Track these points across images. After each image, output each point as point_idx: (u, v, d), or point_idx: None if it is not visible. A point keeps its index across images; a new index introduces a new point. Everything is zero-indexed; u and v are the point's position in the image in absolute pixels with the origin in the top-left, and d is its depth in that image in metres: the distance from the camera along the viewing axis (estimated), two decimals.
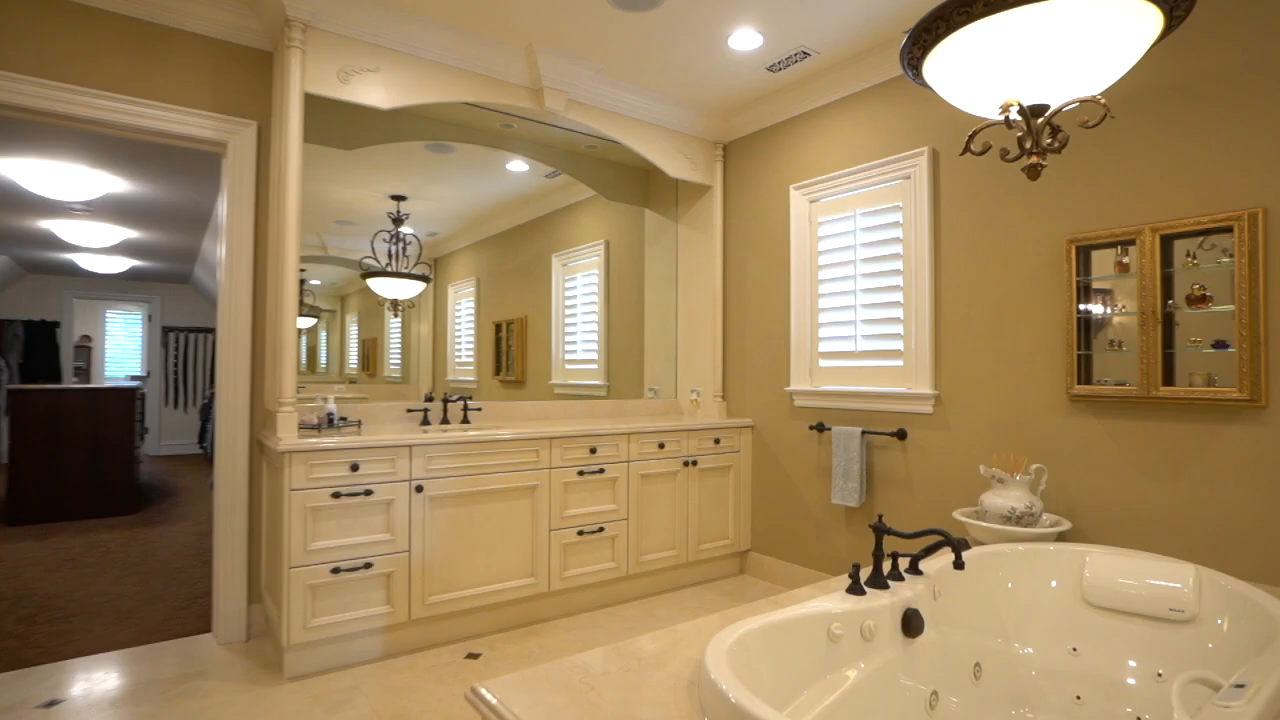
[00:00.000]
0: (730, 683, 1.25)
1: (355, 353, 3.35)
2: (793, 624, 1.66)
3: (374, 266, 3.30)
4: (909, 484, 3.01)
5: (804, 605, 1.74)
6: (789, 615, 1.66)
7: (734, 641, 1.49)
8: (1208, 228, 2.18)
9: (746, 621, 1.59)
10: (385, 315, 3.39)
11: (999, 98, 1.61)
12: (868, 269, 3.19)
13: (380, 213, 3.33)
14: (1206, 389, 2.18)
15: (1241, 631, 1.74)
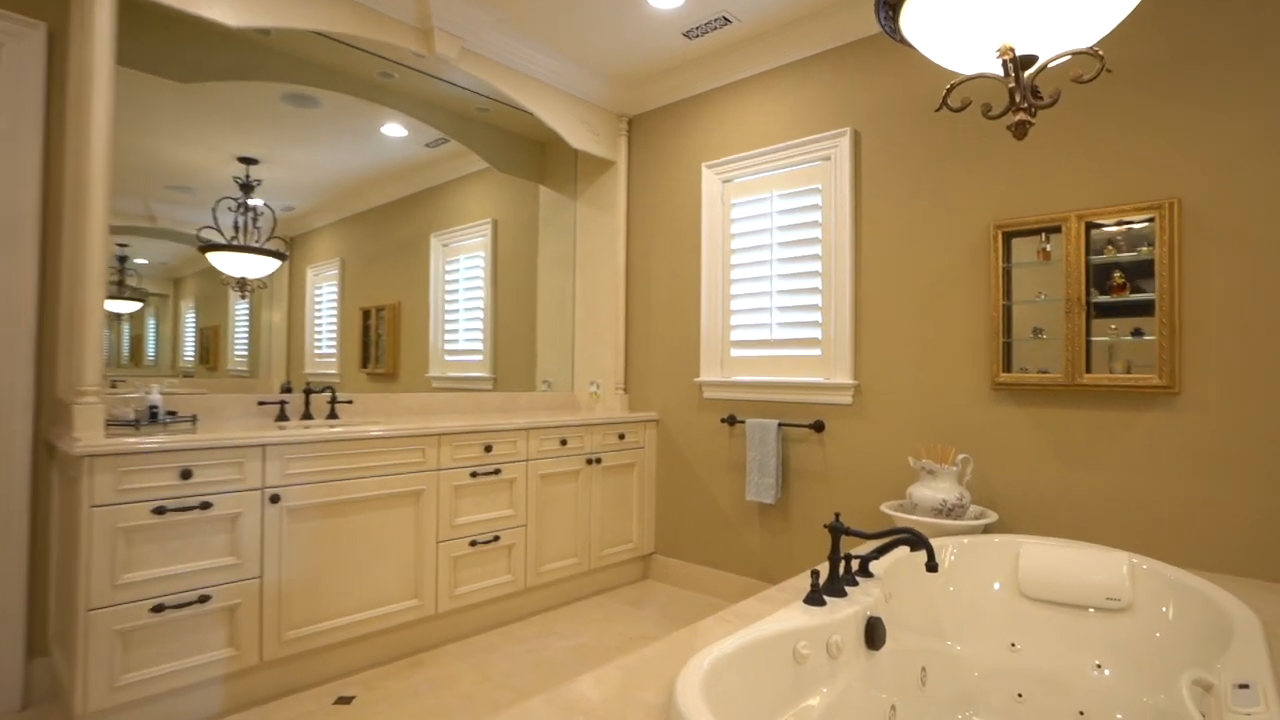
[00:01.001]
0: None
1: (193, 344, 2.72)
2: (759, 647, 1.40)
3: (216, 239, 2.70)
4: (826, 478, 2.88)
5: (765, 623, 1.49)
6: (754, 637, 1.40)
7: (705, 678, 1.21)
8: (1131, 217, 2.19)
9: (710, 651, 1.31)
10: (230, 300, 2.79)
11: (984, 48, 1.44)
12: (784, 253, 3.04)
13: (225, 178, 2.72)
14: (1127, 376, 2.19)
15: (1188, 621, 1.71)
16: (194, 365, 2.70)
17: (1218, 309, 2.08)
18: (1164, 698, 1.70)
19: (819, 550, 2.89)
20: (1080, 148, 2.32)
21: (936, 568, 1.56)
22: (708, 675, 1.22)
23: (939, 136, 2.62)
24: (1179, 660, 1.70)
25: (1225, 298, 2.07)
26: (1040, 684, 1.94)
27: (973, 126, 2.54)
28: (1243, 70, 2.05)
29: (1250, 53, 2.04)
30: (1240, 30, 2.06)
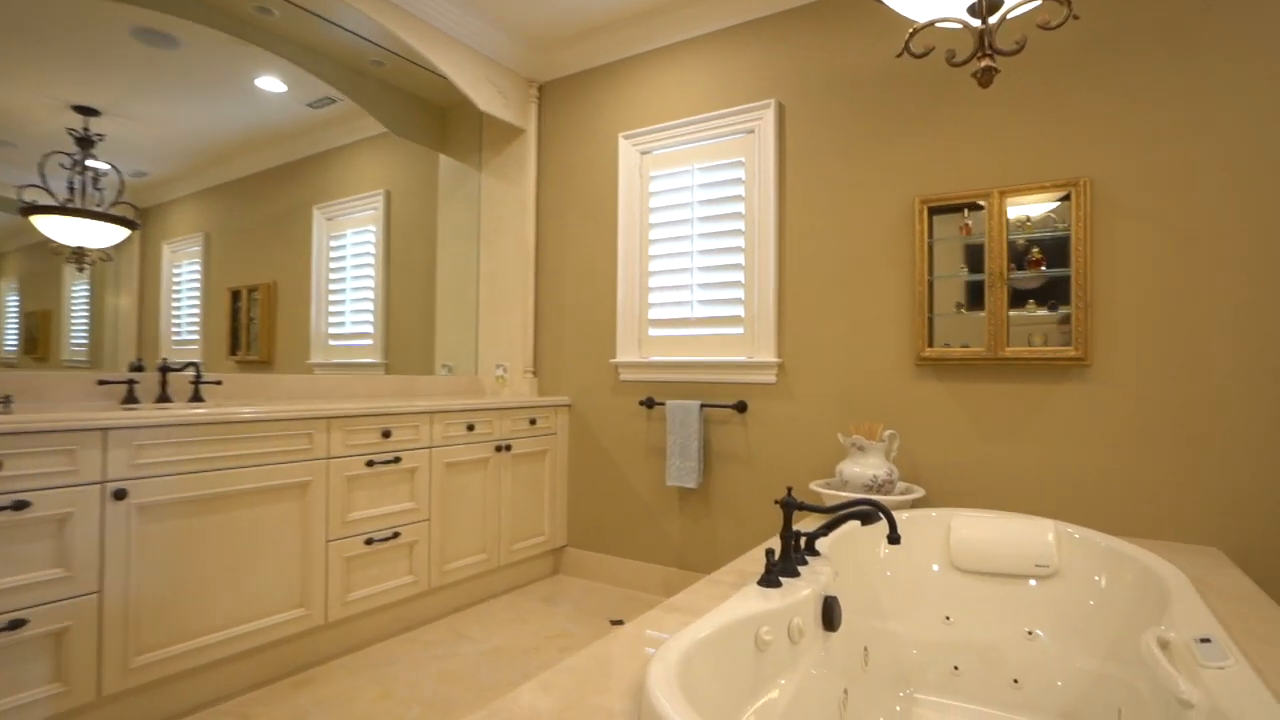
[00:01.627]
0: None
1: (15, 330, 2.23)
2: (723, 636, 1.25)
3: (44, 202, 2.22)
4: (750, 459, 2.80)
5: (725, 609, 1.34)
6: (718, 625, 1.25)
7: (678, 671, 1.04)
8: (1048, 194, 2.24)
9: (677, 642, 1.15)
10: (65, 277, 2.31)
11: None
12: (706, 229, 2.93)
13: (57, 130, 2.25)
14: (1045, 349, 2.24)
15: (1121, 583, 1.74)
16: (16, 355, 2.21)
17: (1125, 284, 2.17)
18: (1098, 661, 1.72)
19: (742, 535, 2.80)
20: (1001, 126, 2.35)
21: (899, 539, 1.48)
22: (680, 668, 1.05)
23: (865, 111, 2.59)
24: (1114, 622, 1.72)
25: (1132, 273, 2.16)
26: (976, 655, 1.93)
27: (899, 101, 2.53)
28: (1148, 59, 2.14)
29: (1154, 42, 2.14)
30: (1145, 21, 2.15)
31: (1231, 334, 2.03)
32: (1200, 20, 2.08)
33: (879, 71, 2.57)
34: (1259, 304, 2.00)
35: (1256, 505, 1.99)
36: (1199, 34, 2.08)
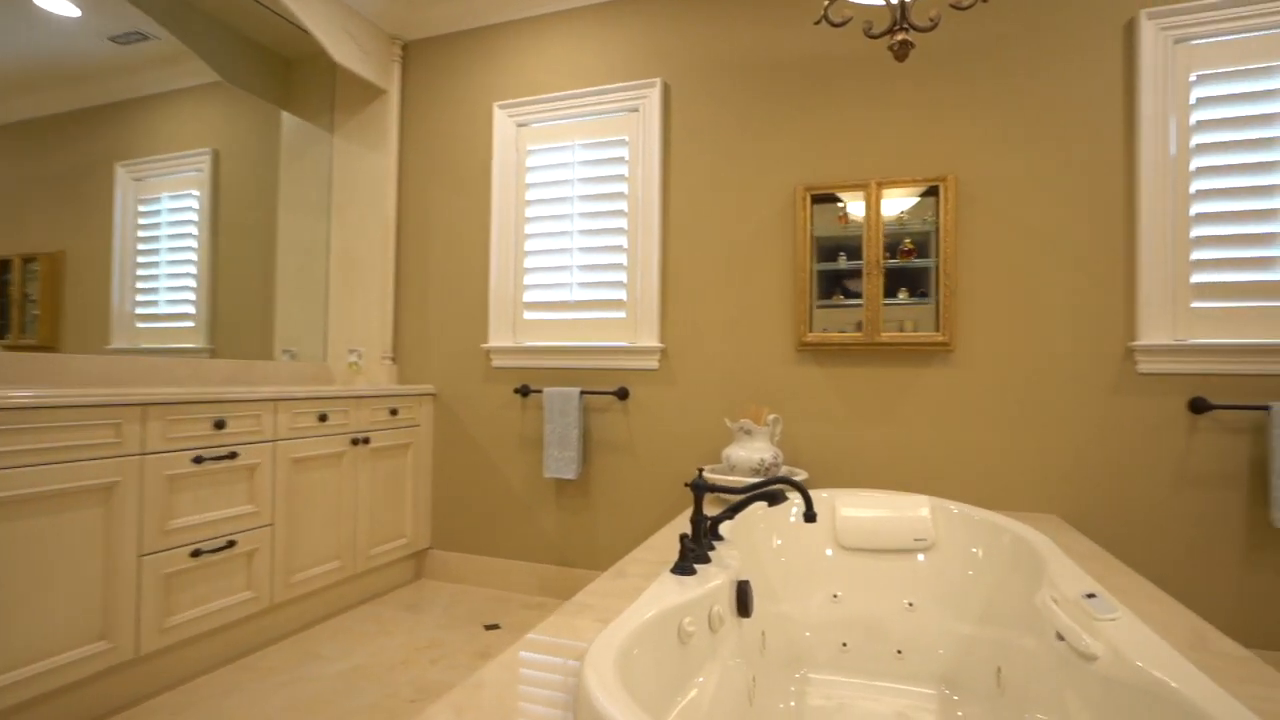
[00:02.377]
0: None
1: None
2: (649, 631, 1.14)
3: None
4: (632, 448, 2.72)
5: (645, 601, 1.23)
6: (645, 619, 1.14)
7: (616, 675, 0.91)
8: (920, 188, 2.37)
9: (603, 644, 1.02)
10: None
11: None
12: (587, 208, 2.80)
13: None
14: (916, 334, 2.36)
15: (999, 554, 1.85)
16: None
17: (983, 275, 2.33)
18: (976, 626, 1.82)
19: (625, 526, 2.71)
20: (879, 122, 2.45)
21: (815, 517, 1.45)
22: (618, 668, 0.92)
23: (752, 96, 2.60)
24: (992, 588, 1.82)
25: (988, 265, 2.33)
26: (862, 631, 1.98)
27: (785, 90, 2.56)
28: (1004, 72, 2.32)
29: (1008, 58, 2.32)
30: (1002, 36, 2.33)
31: (1069, 322, 2.25)
32: (1044, 42, 2.28)
33: (766, 57, 2.59)
34: (1091, 295, 2.23)
35: (1088, 474, 2.22)
36: (1044, 54, 2.29)
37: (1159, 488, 2.16)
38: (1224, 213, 2.13)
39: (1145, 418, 2.18)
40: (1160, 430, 2.17)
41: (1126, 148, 2.22)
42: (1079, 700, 1.18)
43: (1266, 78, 2.10)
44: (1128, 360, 2.20)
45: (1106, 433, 2.21)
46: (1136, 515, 2.18)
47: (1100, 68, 2.24)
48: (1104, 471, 2.21)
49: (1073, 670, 1.21)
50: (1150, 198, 2.17)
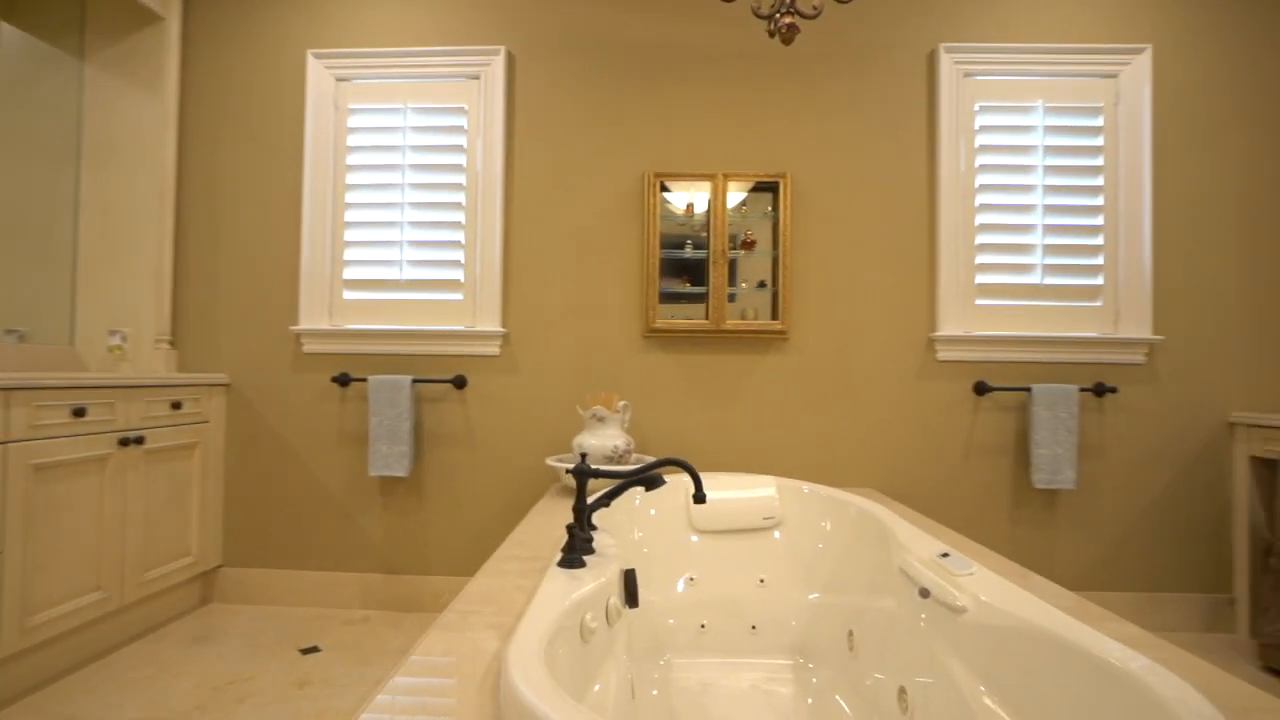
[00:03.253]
0: None
1: None
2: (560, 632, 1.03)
3: None
4: (471, 440, 2.52)
5: (546, 599, 1.11)
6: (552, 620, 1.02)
7: (550, 683, 0.79)
8: (764, 181, 2.48)
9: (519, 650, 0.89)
10: None
11: None
12: (421, 178, 2.55)
13: None
14: (758, 322, 2.47)
15: (846, 526, 1.98)
16: None
17: (815, 268, 2.51)
18: (826, 594, 1.93)
19: (464, 525, 2.51)
20: (726, 115, 2.52)
21: (704, 498, 1.42)
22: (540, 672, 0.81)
23: (602, 76, 2.54)
24: (841, 558, 1.95)
25: (818, 259, 2.51)
26: (719, 611, 2.01)
27: (637, 72, 2.54)
28: (834, 83, 2.52)
29: (838, 69, 2.52)
30: (829, 48, 2.52)
31: (884, 314, 2.50)
32: (866, 62, 2.51)
33: (618, 38, 2.54)
34: (901, 290, 2.50)
35: (898, 450, 2.49)
36: (865, 72, 2.52)
37: (952, 459, 2.49)
38: (998, 224, 2.50)
39: (942, 399, 2.49)
40: (953, 410, 2.49)
41: (929, 162, 2.52)
42: (948, 649, 1.29)
43: (1025, 114, 2.51)
44: (929, 349, 2.50)
45: (912, 413, 2.49)
46: (936, 483, 2.49)
47: (909, 90, 2.52)
48: (910, 447, 2.49)
49: (941, 623, 1.32)
50: (946, 207, 2.49)
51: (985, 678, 1.19)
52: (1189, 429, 2.46)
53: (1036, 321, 2.50)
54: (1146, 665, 0.92)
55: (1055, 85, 2.51)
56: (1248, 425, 2.41)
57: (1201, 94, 2.49)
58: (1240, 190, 2.48)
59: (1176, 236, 2.47)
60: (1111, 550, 2.46)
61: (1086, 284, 2.49)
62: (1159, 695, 0.86)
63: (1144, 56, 2.48)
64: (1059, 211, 2.49)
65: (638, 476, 1.51)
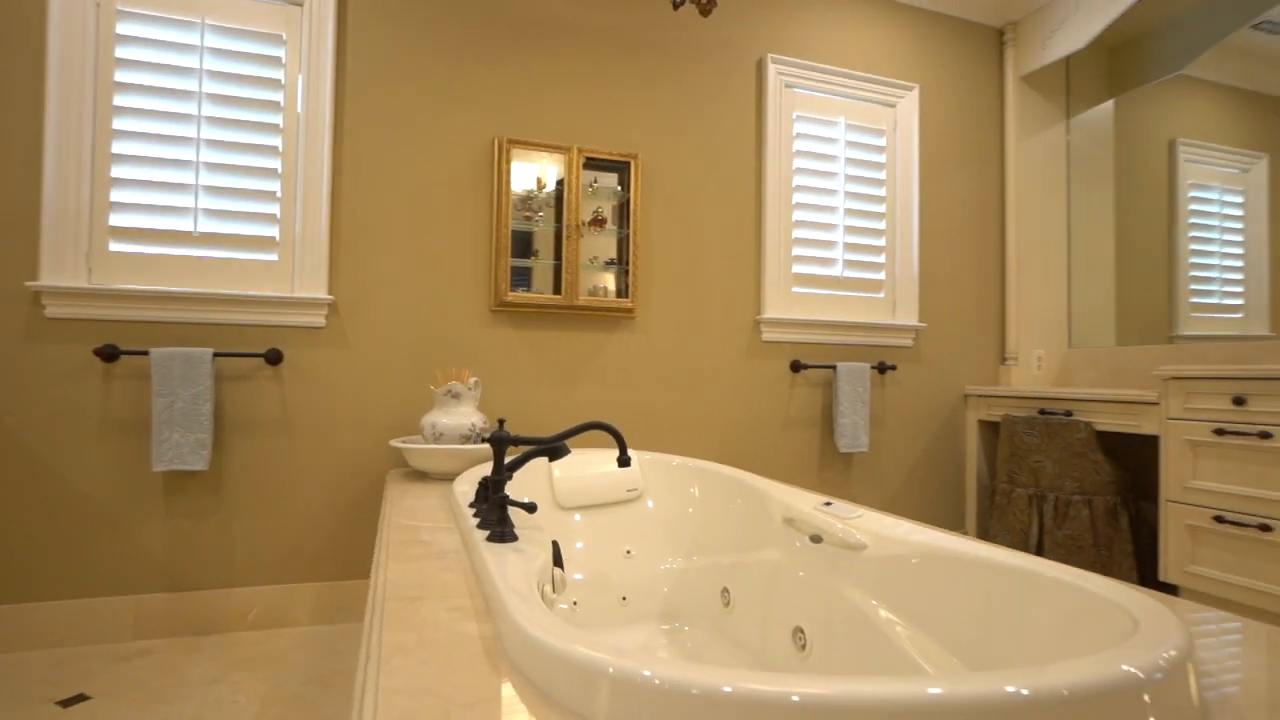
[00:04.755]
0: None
1: None
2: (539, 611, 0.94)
3: None
4: (289, 424, 2.17)
5: (507, 577, 1.01)
6: (527, 598, 0.93)
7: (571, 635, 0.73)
8: (617, 160, 2.50)
9: (526, 639, 0.81)
10: None
11: None
12: (220, 112, 2.12)
13: None
14: (608, 300, 2.49)
15: (715, 491, 2.08)
16: None
17: (660, 249, 2.61)
18: (697, 558, 2.02)
19: (279, 526, 2.15)
20: (582, 89, 2.50)
21: (629, 461, 1.40)
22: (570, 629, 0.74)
23: (454, 31, 2.35)
24: (711, 522, 2.05)
25: (663, 240, 2.61)
26: (590, 586, 1.99)
27: (491, 32, 2.39)
28: (681, 70, 2.63)
29: (684, 58, 2.64)
30: (679, 39, 2.64)
31: (718, 296, 2.69)
32: (710, 58, 2.68)
33: None
34: (732, 275, 2.71)
35: (729, 422, 2.70)
36: (709, 67, 2.68)
37: (773, 428, 2.76)
38: (810, 222, 2.83)
39: (765, 376, 2.75)
40: (774, 385, 2.77)
41: (758, 160, 2.76)
42: (847, 582, 1.44)
43: (830, 128, 2.88)
44: (756, 331, 2.74)
45: (741, 388, 2.72)
46: (760, 451, 2.74)
47: (745, 90, 2.74)
48: (739, 419, 2.71)
49: (838, 561, 1.47)
50: (771, 202, 2.75)
51: (882, 598, 1.36)
52: (940, 399, 3.04)
53: (839, 308, 2.88)
54: (1023, 557, 1.14)
55: (854, 107, 2.91)
56: (976, 395, 3.04)
57: (949, 127, 3.08)
58: (972, 208, 3.12)
59: (934, 241, 3.03)
60: (891, 500, 2.93)
61: (874, 278, 2.93)
62: (1041, 575, 1.06)
63: (914, 93, 2.99)
64: (855, 215, 2.90)
65: (549, 444, 1.45)
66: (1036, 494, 2.59)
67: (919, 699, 0.60)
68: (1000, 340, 3.17)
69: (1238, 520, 2.07)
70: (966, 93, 3.12)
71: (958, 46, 3.12)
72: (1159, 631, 0.77)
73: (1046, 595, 1.05)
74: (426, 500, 1.77)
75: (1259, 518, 2.03)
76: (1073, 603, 1.00)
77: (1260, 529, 2.02)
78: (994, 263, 3.16)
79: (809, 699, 0.60)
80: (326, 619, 2.17)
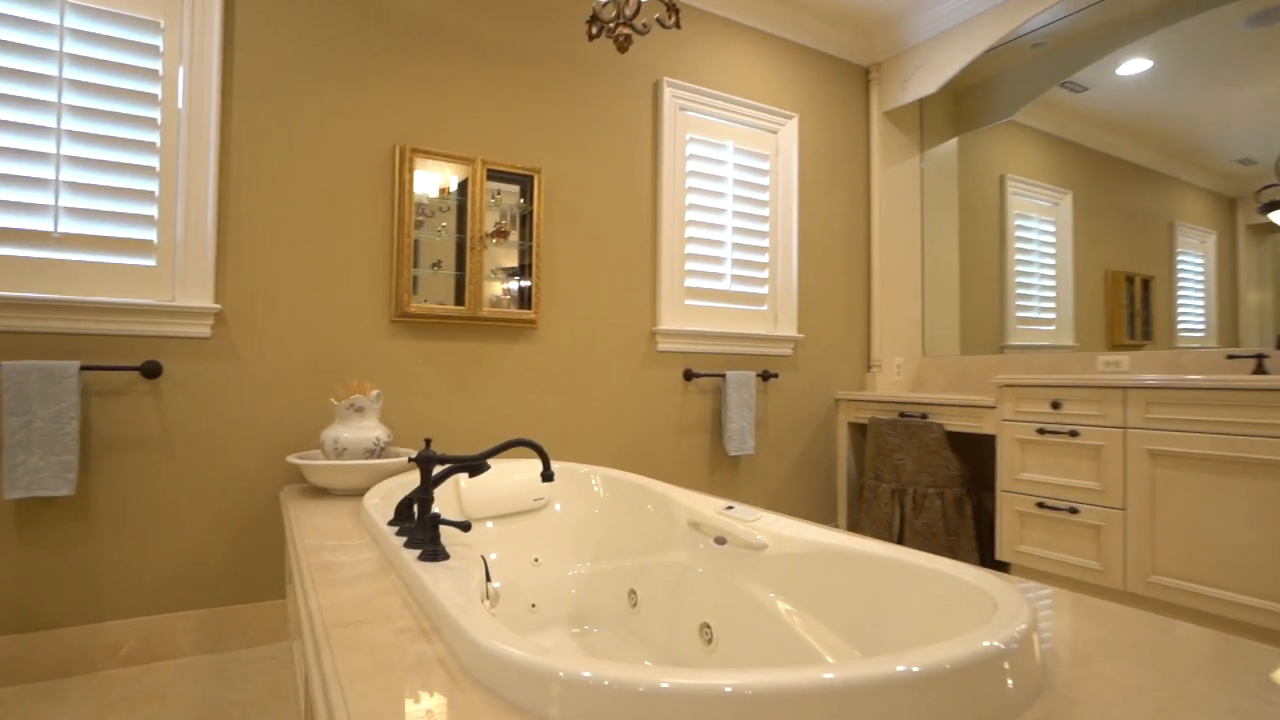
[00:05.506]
0: None
1: None
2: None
3: None
4: (169, 443, 2.03)
5: (453, 598, 1.05)
6: (475, 607, 0.98)
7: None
8: (520, 173, 2.53)
9: (498, 639, 0.86)
10: None
11: None
12: (83, 100, 1.94)
13: None
14: (512, 311, 2.52)
15: (619, 497, 2.17)
16: None
17: (561, 262, 2.67)
18: (602, 562, 2.11)
19: (159, 551, 2.00)
20: (487, 101, 2.50)
21: (553, 476, 1.46)
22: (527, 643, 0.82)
23: (350, 32, 2.28)
24: (615, 527, 2.14)
25: (564, 254, 2.68)
26: (504, 596, 2.03)
27: (392, 38, 2.34)
28: (585, 88, 2.71)
29: (587, 78, 2.72)
30: (584, 58, 2.71)
31: (617, 308, 2.79)
32: (612, 79, 2.77)
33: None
34: (631, 288, 2.83)
35: (627, 428, 2.81)
36: (610, 87, 2.77)
37: (667, 434, 2.91)
38: (701, 238, 3.01)
39: (661, 384, 2.90)
40: (668, 393, 2.91)
41: (654, 178, 2.89)
42: (749, 579, 1.59)
43: (720, 150, 3.07)
44: (652, 341, 2.88)
45: (638, 396, 2.84)
46: (655, 455, 2.88)
47: (642, 111, 2.86)
48: (636, 425, 2.83)
49: (744, 561, 1.62)
50: (666, 217, 2.89)
51: (781, 592, 1.52)
52: (815, 404, 3.33)
53: (727, 320, 3.08)
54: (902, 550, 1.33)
55: (741, 131, 3.12)
56: (846, 400, 3.36)
57: (823, 154, 3.37)
58: (842, 228, 3.43)
59: (811, 258, 3.31)
60: (773, 497, 3.17)
61: (758, 291, 3.16)
62: (917, 565, 1.26)
63: (794, 121, 3.25)
64: (742, 233, 3.11)
65: (473, 462, 1.48)
66: (898, 488, 2.92)
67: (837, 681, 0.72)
68: (866, 349, 3.51)
69: (1054, 505, 2.46)
70: (839, 123, 3.43)
71: (832, 81, 3.42)
72: (1012, 610, 0.96)
73: (922, 583, 1.24)
74: (335, 519, 1.73)
75: (1069, 502, 2.42)
76: (944, 588, 1.19)
77: (1070, 511, 2.41)
78: (861, 278, 3.50)
79: (740, 688, 0.71)
80: (212, 648, 2.05)
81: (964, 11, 3.10)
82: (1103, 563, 2.32)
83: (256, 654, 2.06)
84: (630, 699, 0.72)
